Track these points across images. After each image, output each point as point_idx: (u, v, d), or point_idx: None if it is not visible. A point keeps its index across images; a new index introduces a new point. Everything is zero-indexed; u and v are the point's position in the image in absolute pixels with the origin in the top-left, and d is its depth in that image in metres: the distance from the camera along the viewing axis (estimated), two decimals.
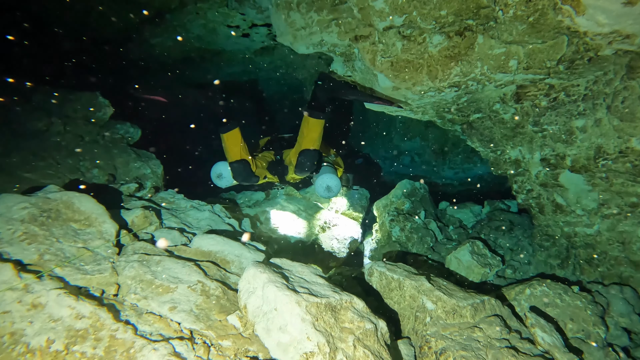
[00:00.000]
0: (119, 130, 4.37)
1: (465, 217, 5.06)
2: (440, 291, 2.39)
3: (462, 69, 3.07)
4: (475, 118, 4.04)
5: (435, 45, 3.12)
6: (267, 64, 7.36)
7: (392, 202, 4.93)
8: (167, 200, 3.48)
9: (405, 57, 3.22)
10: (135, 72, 6.78)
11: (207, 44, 6.22)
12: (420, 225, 4.46)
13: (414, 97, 3.58)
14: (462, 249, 3.66)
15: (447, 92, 3.42)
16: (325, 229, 5.00)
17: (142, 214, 2.71)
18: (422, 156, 7.31)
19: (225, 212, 3.59)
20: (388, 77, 3.31)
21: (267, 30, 5.71)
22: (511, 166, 3.92)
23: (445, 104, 3.83)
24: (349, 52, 3.69)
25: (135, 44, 6.04)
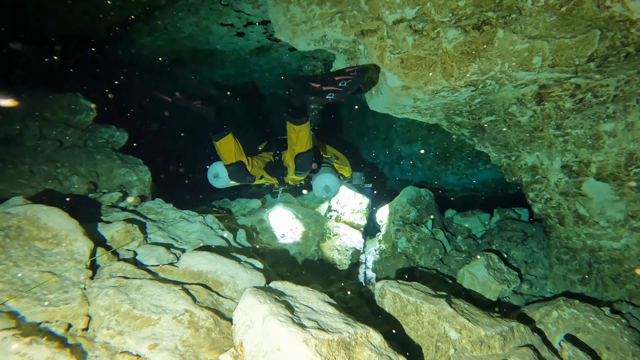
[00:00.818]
0: (103, 135, 4.04)
1: (473, 226, 4.77)
2: (463, 317, 2.08)
3: (480, 66, 2.79)
4: (488, 121, 3.76)
5: (450, 41, 2.84)
6: (262, 65, 7.06)
7: (397, 210, 4.64)
8: (154, 211, 3.15)
9: (417, 53, 2.93)
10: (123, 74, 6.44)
11: (199, 43, 5.92)
12: (428, 236, 4.17)
13: (425, 98, 3.29)
14: (476, 263, 3.37)
15: (462, 93, 3.14)
16: (326, 239, 4.69)
17: (124, 228, 2.39)
18: (424, 161, 7.04)
19: (218, 222, 3.27)
20: (398, 75, 3.02)
21: (262, 28, 5.42)
22: (527, 173, 3.64)
23: (457, 105, 3.55)
24: (353, 49, 3.40)
25: (123, 44, 5.72)
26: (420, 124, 6.93)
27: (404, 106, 3.62)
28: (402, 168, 7.56)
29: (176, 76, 7.34)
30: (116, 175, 3.59)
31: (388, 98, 3.45)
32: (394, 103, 3.55)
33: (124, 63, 6.25)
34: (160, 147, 7.47)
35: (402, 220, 4.37)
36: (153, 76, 7.06)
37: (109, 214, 2.77)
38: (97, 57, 5.59)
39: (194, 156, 8.74)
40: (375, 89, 3.55)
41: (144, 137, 5.60)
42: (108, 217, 2.71)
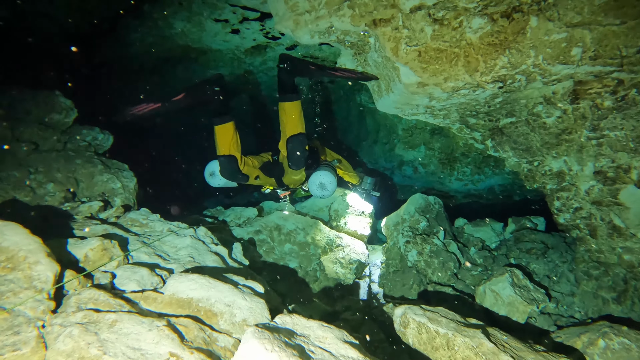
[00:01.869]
0: (85, 137, 3.67)
1: (486, 236, 4.44)
2: (506, 354, 1.74)
3: (510, 59, 2.46)
4: (507, 123, 3.45)
5: (474, 31, 2.51)
6: (258, 65, 6.73)
7: (404, 220, 4.29)
8: (139, 223, 2.78)
9: (437, 45, 2.60)
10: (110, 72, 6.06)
11: (192, 41, 5.57)
12: (440, 248, 3.83)
13: (442, 97, 2.96)
14: (499, 280, 3.03)
15: (485, 90, 2.82)
16: (328, 251, 4.34)
17: (100, 246, 2.02)
18: (427, 166, 6.72)
19: (211, 236, 2.90)
20: (414, 70, 2.69)
21: (259, 25, 5.08)
22: (552, 180, 3.32)
23: (475, 105, 3.23)
24: (362, 42, 3.07)
25: (110, 40, 5.35)
26: (423, 127, 6.61)
27: (417, 106, 3.29)
28: (403, 174, 7.23)
29: (167, 76, 6.97)
30: (98, 181, 3.22)
31: (400, 97, 3.12)
32: (406, 102, 3.22)
33: (112, 61, 5.87)
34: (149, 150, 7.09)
35: (412, 231, 4.03)
36: (143, 76, 6.68)
37: (86, 227, 2.39)
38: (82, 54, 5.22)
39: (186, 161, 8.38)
40: (386, 86, 3.22)
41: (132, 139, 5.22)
42: (84, 231, 2.33)
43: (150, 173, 5.92)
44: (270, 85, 7.85)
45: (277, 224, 4.39)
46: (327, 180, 3.82)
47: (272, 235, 4.25)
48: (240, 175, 3.81)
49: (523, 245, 3.93)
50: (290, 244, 4.26)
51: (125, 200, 3.23)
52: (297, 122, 3.65)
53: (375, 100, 3.54)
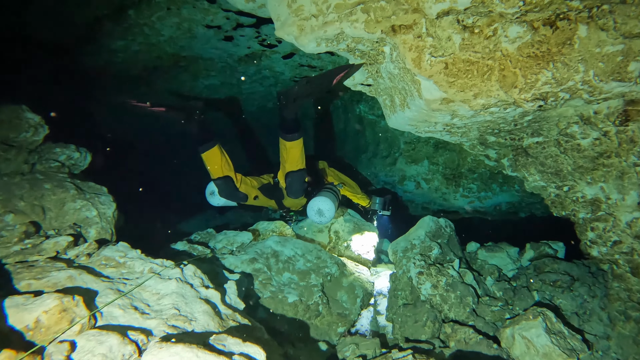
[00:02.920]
0: (58, 156, 3.24)
1: (502, 263, 4.07)
2: None
3: (555, 74, 2.11)
4: (532, 143, 3.09)
5: (511, 40, 2.15)
6: (252, 75, 6.34)
7: (414, 246, 3.91)
8: (115, 262, 2.35)
9: (466, 56, 2.24)
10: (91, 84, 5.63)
11: (181, 49, 5.17)
12: (457, 280, 3.45)
13: (466, 114, 2.59)
14: (531, 325, 2.65)
15: (516, 108, 2.46)
16: (331, 279, 3.93)
17: (58, 306, 1.59)
18: (431, 182, 6.37)
19: (201, 276, 2.49)
20: (439, 84, 2.32)
21: (254, 32, 4.71)
22: (584, 208, 2.96)
23: (500, 123, 2.87)
24: (375, 52, 2.69)
25: (92, 49, 4.93)
26: (427, 140, 6.27)
27: (435, 124, 2.92)
28: (405, 189, 6.86)
29: (155, 86, 6.55)
30: (69, 210, 2.78)
31: (418, 114, 2.75)
32: (424, 120, 2.85)
33: (94, 72, 5.44)
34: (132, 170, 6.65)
35: (424, 260, 3.64)
36: (129, 86, 6.25)
37: (46, 274, 1.96)
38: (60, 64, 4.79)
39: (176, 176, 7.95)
40: (401, 101, 2.84)
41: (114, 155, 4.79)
42: (42, 281, 1.90)
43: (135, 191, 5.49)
44: (264, 95, 7.47)
45: (274, 250, 3.98)
46: (325, 207, 3.82)
47: (268, 264, 3.83)
48: (239, 194, 3.81)
49: (546, 276, 3.56)
50: (289, 272, 3.85)
51: (101, 232, 2.80)
52: (298, 160, 3.62)
53: (386, 116, 3.17)
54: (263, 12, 3.23)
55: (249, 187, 3.91)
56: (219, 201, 3.97)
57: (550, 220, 6.78)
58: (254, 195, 3.98)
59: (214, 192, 3.90)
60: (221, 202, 3.98)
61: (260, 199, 4.06)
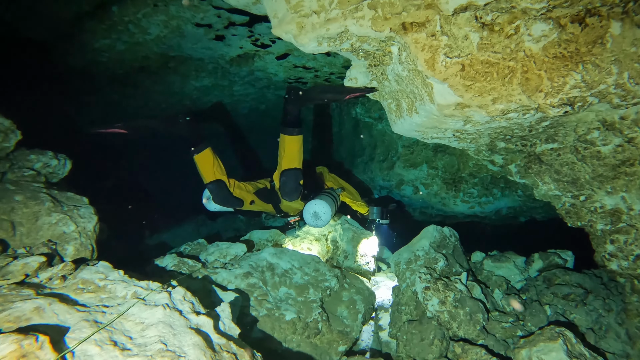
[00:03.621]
0: (33, 164, 2.97)
1: (509, 274, 3.88)
2: None
3: (585, 76, 1.90)
4: (546, 149, 2.90)
5: (536, 39, 1.95)
6: (244, 76, 6.09)
7: (418, 257, 3.70)
8: (94, 286, 2.10)
9: (485, 57, 2.03)
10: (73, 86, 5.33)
11: (169, 48, 4.91)
12: (465, 295, 3.24)
13: (481, 120, 2.38)
14: (550, 347, 2.45)
15: (535, 114, 2.26)
16: (330, 294, 3.70)
17: (15, 353, 1.34)
18: (430, 187, 6.18)
19: (191, 299, 2.24)
20: (454, 88, 2.10)
21: (247, 31, 4.47)
22: (603, 219, 2.77)
23: (514, 129, 2.66)
24: (381, 52, 2.47)
25: (74, 48, 4.64)
26: (425, 144, 6.07)
27: (445, 130, 2.71)
28: (402, 193, 6.66)
29: (142, 88, 6.27)
30: (43, 224, 2.52)
31: (428, 119, 2.53)
32: (433, 126, 2.64)
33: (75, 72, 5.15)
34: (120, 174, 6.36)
35: (429, 273, 3.43)
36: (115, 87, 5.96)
37: (8, 305, 1.70)
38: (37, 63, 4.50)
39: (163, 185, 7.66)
40: (408, 106, 2.63)
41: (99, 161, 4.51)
42: (2, 312, 1.64)
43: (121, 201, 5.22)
44: (256, 97, 7.23)
45: (270, 263, 3.74)
46: (322, 210, 3.77)
47: (264, 278, 3.59)
48: (233, 199, 3.77)
49: (558, 289, 3.37)
50: (286, 287, 3.61)
51: (80, 249, 2.54)
52: (295, 157, 3.62)
53: (391, 121, 2.95)
54: (258, 9, 3.00)
55: (244, 192, 3.85)
56: (215, 207, 3.88)
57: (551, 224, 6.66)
58: (250, 200, 3.91)
59: (210, 197, 3.83)
60: (217, 208, 3.89)
61: (257, 203, 3.98)
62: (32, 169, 2.93)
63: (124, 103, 6.75)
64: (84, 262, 2.46)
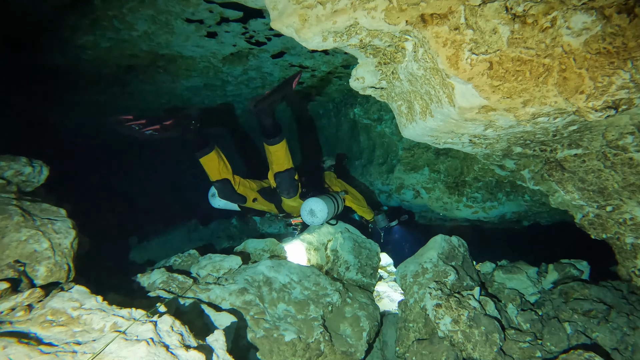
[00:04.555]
0: (3, 172, 2.67)
1: (521, 286, 3.64)
2: None
3: (634, 75, 1.65)
4: (569, 155, 2.66)
5: (576, 33, 1.70)
6: (237, 76, 5.80)
7: (426, 270, 3.45)
8: (65, 317, 1.82)
9: (516, 53, 1.77)
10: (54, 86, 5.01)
11: (158, 46, 4.60)
12: (479, 313, 3.00)
13: (504, 125, 2.13)
14: None
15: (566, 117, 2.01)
16: (332, 310, 3.44)
17: None
18: (432, 191, 5.93)
19: (181, 330, 1.96)
20: (480, 89, 1.85)
21: (241, 27, 4.18)
22: (633, 231, 2.54)
23: (537, 134, 2.42)
24: (393, 49, 2.21)
25: (54, 45, 4.33)
26: (427, 146, 5.83)
27: (462, 135, 2.46)
28: (402, 198, 6.40)
29: (130, 87, 5.96)
30: (11, 242, 2.23)
31: (444, 123, 2.28)
32: (449, 131, 2.38)
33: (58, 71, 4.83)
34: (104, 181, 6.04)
35: (440, 288, 3.18)
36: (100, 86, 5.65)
37: None
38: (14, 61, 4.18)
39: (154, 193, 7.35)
40: (422, 109, 2.37)
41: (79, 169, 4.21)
42: None
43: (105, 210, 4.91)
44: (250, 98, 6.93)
45: (267, 277, 3.47)
46: (318, 207, 3.82)
47: (261, 293, 3.32)
48: (237, 196, 3.90)
49: (577, 304, 3.14)
50: (285, 303, 3.34)
51: (53, 269, 2.25)
52: (283, 161, 3.73)
53: (401, 125, 2.69)
54: (254, 1, 2.73)
55: (247, 189, 3.97)
56: (220, 203, 4.08)
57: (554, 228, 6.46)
58: (253, 197, 4.04)
59: (215, 193, 4.03)
60: (221, 204, 4.09)
61: (259, 201, 4.11)
62: (1, 178, 2.62)
63: (111, 103, 6.43)
64: (58, 285, 2.17)
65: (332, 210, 3.98)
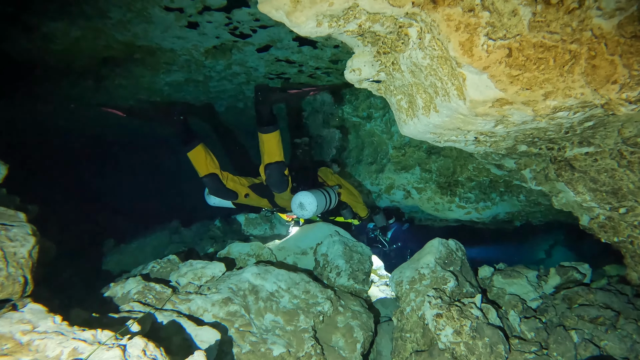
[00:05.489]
0: None
1: (522, 291, 3.47)
2: None
3: None
4: (579, 154, 2.48)
5: (607, 14, 1.50)
6: (220, 71, 5.51)
7: (423, 276, 3.24)
8: (12, 344, 1.54)
9: (539, 38, 1.56)
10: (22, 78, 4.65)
11: (135, 36, 4.29)
12: (482, 322, 2.81)
13: (518, 120, 1.93)
14: None
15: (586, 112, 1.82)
16: (324, 319, 3.20)
17: None
18: (423, 191, 5.75)
19: (154, 352, 1.70)
20: (496, 79, 1.63)
21: (224, 17, 3.91)
22: None
23: (548, 132, 2.22)
24: (394, 36, 1.98)
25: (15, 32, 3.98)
26: (418, 145, 5.64)
27: (467, 132, 2.25)
28: (392, 198, 6.21)
29: (106, 81, 5.61)
30: None
31: (451, 119, 2.06)
32: (455, 128, 2.17)
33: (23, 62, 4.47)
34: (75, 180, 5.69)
35: (440, 296, 2.97)
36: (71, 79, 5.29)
37: None
38: None
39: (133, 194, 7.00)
40: (425, 104, 2.15)
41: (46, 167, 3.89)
42: None
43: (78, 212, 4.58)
44: (234, 94, 6.64)
45: (253, 285, 3.22)
46: (307, 201, 3.82)
47: (246, 303, 3.06)
48: (227, 191, 3.94)
49: (584, 311, 2.97)
50: (272, 313, 3.09)
51: (5, 283, 1.96)
52: (275, 152, 3.78)
53: (400, 121, 2.46)
54: None
55: (238, 184, 4.01)
56: (215, 200, 4.12)
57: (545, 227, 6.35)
58: (245, 193, 4.07)
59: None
60: (216, 202, 4.12)
61: (251, 197, 4.15)
62: None
63: (85, 97, 6.06)
64: (9, 303, 1.88)
65: (323, 204, 4.00)
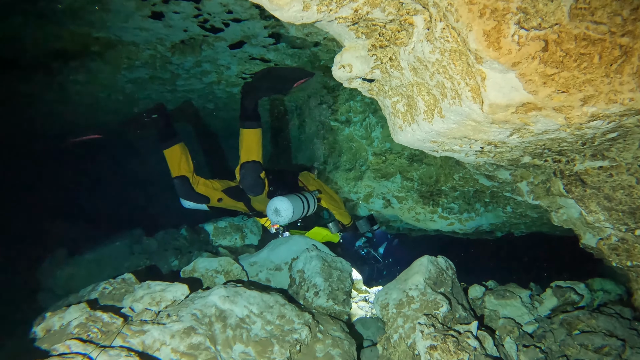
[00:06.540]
0: None
1: (516, 313, 3.21)
2: None
3: None
4: (591, 168, 2.23)
5: None
6: (189, 68, 5.07)
7: (412, 299, 2.92)
8: None
9: (581, 30, 1.26)
10: None
11: (90, 26, 3.82)
12: (480, 353, 2.51)
13: (538, 130, 1.63)
14: None
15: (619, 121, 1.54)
16: (300, 348, 2.83)
17: None
18: (404, 200, 5.47)
19: None
20: (527, 79, 1.32)
21: (193, 8, 3.51)
22: None
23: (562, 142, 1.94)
24: (395, 26, 1.65)
25: None
26: (399, 152, 5.36)
27: (474, 142, 1.94)
28: (370, 207, 5.90)
29: (60, 77, 5.07)
30: None
31: (459, 126, 1.74)
32: (462, 136, 1.85)
33: None
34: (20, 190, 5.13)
35: (432, 324, 2.66)
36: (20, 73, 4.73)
37: None
38: None
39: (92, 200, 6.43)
40: (428, 108, 1.82)
41: None
42: None
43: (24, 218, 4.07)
44: (203, 95, 6.20)
45: (221, 310, 2.81)
46: (282, 206, 3.68)
47: (212, 333, 2.65)
48: (197, 195, 3.83)
49: (586, 339, 2.72)
50: (243, 344, 2.70)
51: None
52: (252, 149, 3.70)
53: (395, 127, 2.13)
54: None
55: (210, 189, 3.90)
56: (189, 204, 3.97)
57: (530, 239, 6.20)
58: (217, 197, 3.96)
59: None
60: (191, 205, 3.97)
61: (225, 201, 4.02)
62: None
63: (35, 95, 5.48)
64: None
65: (300, 210, 3.83)
